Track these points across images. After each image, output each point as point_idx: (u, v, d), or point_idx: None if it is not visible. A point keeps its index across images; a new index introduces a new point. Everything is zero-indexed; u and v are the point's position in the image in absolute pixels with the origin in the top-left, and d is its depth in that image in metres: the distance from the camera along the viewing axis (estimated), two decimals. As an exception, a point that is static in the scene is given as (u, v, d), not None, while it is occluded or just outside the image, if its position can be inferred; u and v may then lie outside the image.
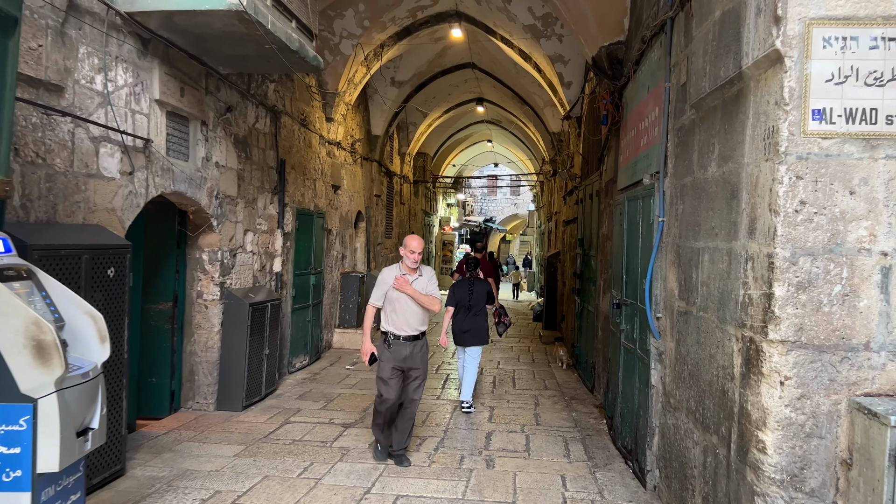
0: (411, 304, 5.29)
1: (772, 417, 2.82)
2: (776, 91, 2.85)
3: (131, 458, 5.16)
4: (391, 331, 5.30)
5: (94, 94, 4.73)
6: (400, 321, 5.29)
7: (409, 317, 5.31)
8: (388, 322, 5.34)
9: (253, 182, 7.51)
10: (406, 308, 5.29)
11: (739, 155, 3.26)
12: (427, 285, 5.39)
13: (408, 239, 5.42)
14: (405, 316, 5.29)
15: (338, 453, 5.52)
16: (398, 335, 5.27)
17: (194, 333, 6.66)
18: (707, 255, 3.73)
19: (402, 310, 5.28)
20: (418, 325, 5.35)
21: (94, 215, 4.75)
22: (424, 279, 5.41)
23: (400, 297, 5.28)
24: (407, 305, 5.29)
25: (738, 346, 3.20)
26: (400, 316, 5.29)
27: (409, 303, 5.29)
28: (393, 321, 5.31)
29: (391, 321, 5.31)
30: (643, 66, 5.60)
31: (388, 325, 5.33)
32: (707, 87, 3.72)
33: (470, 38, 11.74)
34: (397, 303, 5.28)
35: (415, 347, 5.31)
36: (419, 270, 5.42)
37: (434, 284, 5.46)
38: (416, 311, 5.33)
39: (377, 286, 5.40)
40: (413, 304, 5.29)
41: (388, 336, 5.30)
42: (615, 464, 5.48)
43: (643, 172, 5.30)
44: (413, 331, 5.31)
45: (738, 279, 3.22)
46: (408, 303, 5.28)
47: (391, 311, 5.32)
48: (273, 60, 6.09)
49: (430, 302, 5.34)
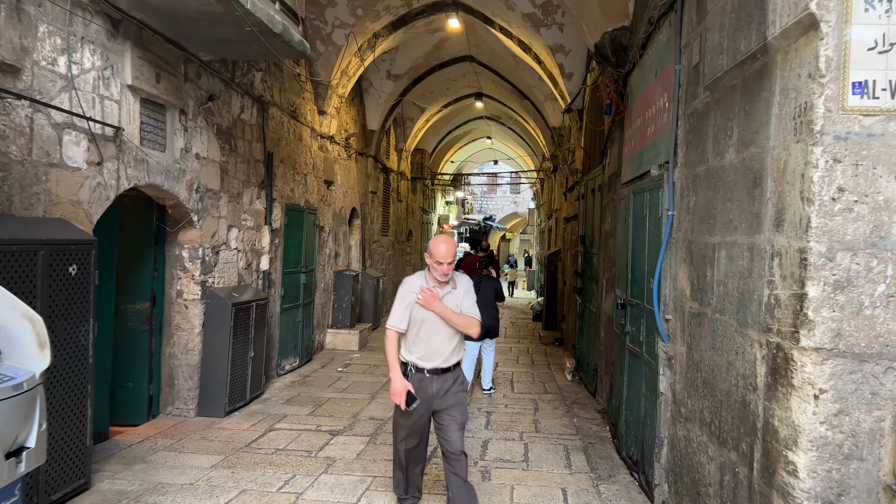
0: (442, 327, 3.98)
1: (804, 436, 2.46)
2: (809, 62, 2.49)
3: (100, 469, 4.81)
4: (414, 362, 3.99)
5: (56, 76, 4.36)
6: (427, 349, 3.98)
7: (440, 343, 3.98)
8: (409, 350, 4.03)
9: (238, 175, 7.14)
10: (435, 332, 3.98)
11: (763, 138, 2.90)
12: (463, 300, 4.06)
13: (434, 243, 3.99)
14: (433, 342, 3.98)
15: (322, 464, 5.16)
16: (422, 367, 3.97)
17: (174, 335, 6.30)
18: (724, 251, 3.36)
19: (431, 334, 3.98)
20: (451, 355, 4.03)
21: (56, 208, 4.39)
22: (459, 292, 4.08)
23: (427, 318, 3.96)
24: (436, 328, 3.98)
25: (761, 352, 2.84)
26: (427, 342, 3.98)
27: (439, 325, 3.97)
28: (417, 349, 4.00)
29: (415, 349, 4.00)
30: (650, 49, 5.23)
31: (409, 353, 4.02)
32: (724, 64, 3.35)
33: (468, 28, 11.37)
34: (424, 325, 3.97)
35: (445, 382, 4.00)
36: (452, 281, 4.09)
37: (472, 299, 4.11)
38: (449, 335, 4.01)
39: (397, 302, 4.04)
40: (445, 326, 3.98)
41: (409, 368, 4.00)
42: (620, 475, 5.11)
43: (650, 163, 4.94)
44: (444, 361, 4.00)
45: (761, 278, 2.86)
46: (438, 325, 3.97)
47: (415, 336, 4.00)
48: (256, 45, 5.72)
49: (467, 323, 3.99)
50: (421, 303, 3.95)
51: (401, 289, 4.10)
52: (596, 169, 8.16)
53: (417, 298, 3.95)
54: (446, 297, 4.02)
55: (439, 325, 3.98)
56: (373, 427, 6.21)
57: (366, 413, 6.72)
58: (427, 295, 3.94)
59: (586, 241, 8.89)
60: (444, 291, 4.04)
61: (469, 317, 4.03)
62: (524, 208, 37.02)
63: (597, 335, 7.65)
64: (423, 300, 3.94)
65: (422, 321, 3.98)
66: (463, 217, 32.65)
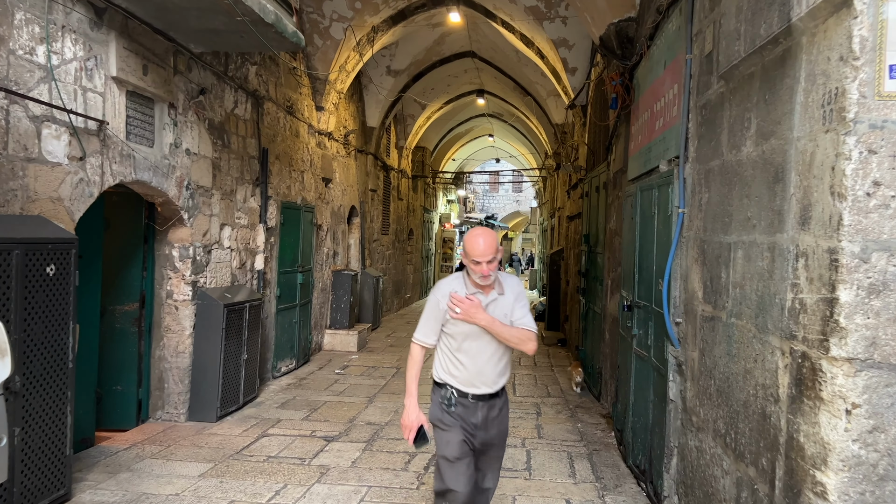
0: (489, 343, 3.23)
1: (835, 455, 2.23)
2: (841, 43, 2.26)
3: (82, 479, 4.60)
4: (453, 385, 3.28)
5: (34, 66, 4.15)
6: (470, 371, 3.24)
7: (486, 363, 3.24)
8: (447, 370, 3.30)
9: (231, 172, 6.92)
10: (480, 349, 3.24)
11: (786, 129, 2.67)
12: (514, 308, 3.27)
13: (469, 239, 3.22)
14: (478, 362, 3.24)
15: (316, 473, 4.94)
16: (465, 392, 3.26)
17: (164, 337, 6.08)
18: (741, 250, 3.14)
19: (475, 352, 3.24)
20: (498, 377, 3.29)
21: (34, 205, 4.18)
22: (508, 298, 3.29)
23: (470, 332, 3.21)
24: (482, 345, 3.23)
25: (784, 361, 2.61)
26: (470, 362, 3.24)
27: (485, 340, 3.23)
28: (458, 371, 3.26)
29: (454, 369, 3.27)
30: (658, 40, 5.00)
31: (446, 374, 3.31)
32: (742, 51, 3.13)
33: (469, 23, 11.14)
34: (465, 340, 3.24)
35: (491, 410, 3.29)
36: (497, 284, 3.29)
37: (525, 306, 3.32)
38: (497, 353, 3.26)
39: (427, 310, 3.33)
40: (492, 341, 3.23)
41: (447, 392, 3.28)
42: (626, 485, 4.89)
43: (659, 159, 4.71)
44: (490, 385, 3.27)
45: (784, 280, 2.63)
46: (483, 340, 3.23)
47: (453, 354, 3.28)
48: (247, 36, 5.51)
49: (521, 338, 3.22)
50: (460, 317, 3.18)
51: (431, 294, 3.36)
52: (600, 166, 7.94)
53: (454, 312, 3.18)
54: (492, 306, 3.24)
55: (485, 340, 3.22)
56: (369, 433, 5.99)
57: (363, 418, 6.50)
58: (467, 306, 3.17)
59: (590, 240, 8.67)
60: (489, 298, 3.24)
61: (523, 329, 3.24)
62: (526, 207, 36.79)
63: (601, 337, 7.43)
64: (463, 313, 3.17)
65: (464, 336, 3.23)
66: (465, 216, 32.43)
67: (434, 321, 3.30)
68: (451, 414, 3.26)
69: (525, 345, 3.24)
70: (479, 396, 3.26)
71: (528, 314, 3.32)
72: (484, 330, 3.20)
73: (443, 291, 3.29)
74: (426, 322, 3.33)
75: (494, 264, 3.19)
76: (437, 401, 3.34)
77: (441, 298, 3.27)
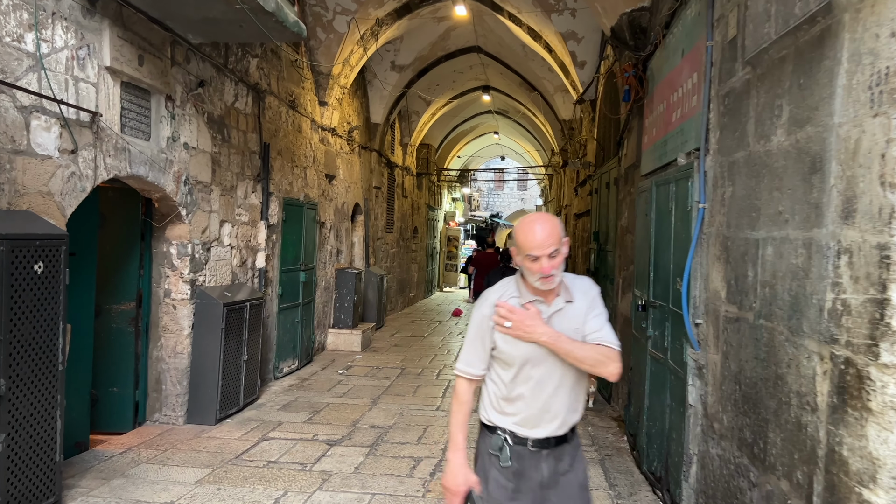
0: (554, 367, 2.40)
1: (885, 472, 2.03)
2: (893, 18, 2.05)
3: (74, 485, 4.41)
4: (509, 428, 2.44)
5: (22, 55, 3.96)
6: (528, 407, 2.42)
7: (551, 396, 2.42)
8: (498, 407, 2.48)
9: (231, 168, 6.73)
10: (544, 377, 2.41)
11: (824, 115, 2.46)
12: (587, 319, 2.44)
13: (521, 227, 2.41)
14: (542, 395, 2.41)
15: (318, 479, 4.75)
16: (524, 437, 2.43)
17: (161, 337, 5.90)
18: (771, 247, 2.93)
19: (537, 381, 2.41)
20: (568, 413, 2.47)
21: (22, 200, 3.99)
22: (580, 306, 2.46)
23: (528, 355, 2.39)
24: (544, 371, 2.41)
25: (823, 367, 2.40)
26: (529, 395, 2.42)
27: (548, 364, 2.40)
28: (514, 407, 2.44)
29: (510, 406, 2.45)
30: (675, 28, 4.79)
31: (499, 413, 2.47)
32: (772, 33, 2.91)
33: (475, 17, 10.93)
34: (523, 366, 2.41)
35: (559, 462, 2.45)
36: (563, 289, 2.46)
37: (601, 315, 2.47)
38: (568, 380, 2.43)
39: (471, 331, 2.52)
40: (558, 365, 2.39)
41: (498, 439, 2.45)
42: (641, 493, 4.68)
43: (676, 152, 4.49)
44: (558, 425, 2.44)
45: (823, 279, 2.42)
46: (546, 364, 2.40)
47: (510, 385, 2.44)
48: (247, 25, 5.31)
49: (597, 358, 2.36)
50: (513, 332, 2.33)
51: (476, 309, 2.53)
52: (611, 161, 7.72)
53: (505, 326, 2.34)
54: (557, 318, 2.40)
55: (550, 364, 2.38)
56: (373, 436, 5.80)
57: (366, 420, 6.31)
58: (520, 317, 2.32)
59: (600, 238, 8.46)
60: (552, 308, 2.41)
61: (600, 345, 2.36)
62: (531, 205, 36.56)
63: (612, 337, 7.21)
64: (517, 325, 2.31)
65: (521, 360, 2.38)
66: (469, 214, 32.23)
67: (481, 344, 2.47)
68: (500, 467, 2.41)
69: (605, 366, 2.35)
70: (542, 442, 2.40)
71: (607, 325, 2.43)
72: (548, 350, 2.35)
73: (489, 302, 2.46)
74: (471, 346, 2.50)
75: (559, 260, 2.34)
76: (483, 451, 2.50)
77: (488, 312, 2.44)
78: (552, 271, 2.33)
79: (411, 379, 8.29)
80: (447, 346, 11.15)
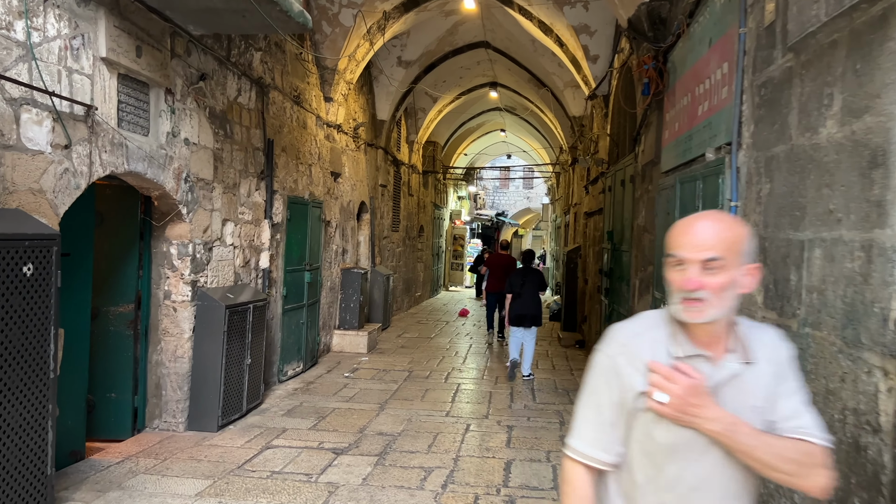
0: (716, 466, 1.52)
1: (971, 507, 1.78)
2: (980, -10, 1.80)
3: (68, 498, 4.19)
4: None
5: (11, 43, 3.73)
6: None
7: None
8: None
9: (234, 164, 6.51)
10: (699, 480, 1.53)
11: (887, 103, 2.21)
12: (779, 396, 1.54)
13: (681, 222, 1.57)
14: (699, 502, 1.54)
15: (323, 492, 4.52)
16: None
17: (161, 340, 5.67)
18: (819, 249, 2.68)
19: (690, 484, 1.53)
20: None
21: (12, 197, 3.77)
22: (764, 373, 1.55)
23: (678, 444, 1.52)
24: (701, 471, 1.52)
25: (887, 384, 2.16)
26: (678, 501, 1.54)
27: (708, 461, 1.52)
28: None
29: None
30: (701, 16, 4.54)
31: None
32: (822, 14, 2.66)
33: (484, 10, 10.68)
34: (669, 461, 1.53)
35: None
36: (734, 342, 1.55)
37: (800, 389, 1.57)
38: (730, 486, 1.53)
39: (592, 386, 1.62)
40: (723, 464, 1.51)
41: None
42: None
43: (703, 146, 4.25)
44: None
45: (887, 285, 2.18)
46: (705, 461, 1.52)
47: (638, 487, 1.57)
48: (250, 16, 5.09)
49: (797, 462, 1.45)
50: (667, 410, 1.48)
51: (600, 353, 1.64)
52: (626, 158, 7.47)
53: (659, 402, 1.48)
54: (728, 389, 1.54)
55: (711, 461, 1.52)
56: (382, 444, 5.57)
57: (374, 427, 6.08)
58: (683, 388, 1.46)
59: (614, 238, 8.20)
60: (722, 372, 1.54)
61: (801, 442, 1.49)
62: (537, 203, 36.27)
63: (627, 340, 6.96)
64: (676, 402, 1.46)
65: (668, 452, 1.53)
66: (475, 213, 31.97)
67: (611, 413, 1.58)
68: None
69: (805, 477, 1.47)
70: None
71: (810, 408, 1.56)
72: (711, 441, 1.50)
73: (627, 349, 1.58)
74: (594, 413, 1.61)
75: (721, 280, 1.47)
76: None
77: (625, 365, 1.56)
78: (701, 292, 1.47)
79: (419, 382, 8.06)
80: (455, 347, 10.91)
